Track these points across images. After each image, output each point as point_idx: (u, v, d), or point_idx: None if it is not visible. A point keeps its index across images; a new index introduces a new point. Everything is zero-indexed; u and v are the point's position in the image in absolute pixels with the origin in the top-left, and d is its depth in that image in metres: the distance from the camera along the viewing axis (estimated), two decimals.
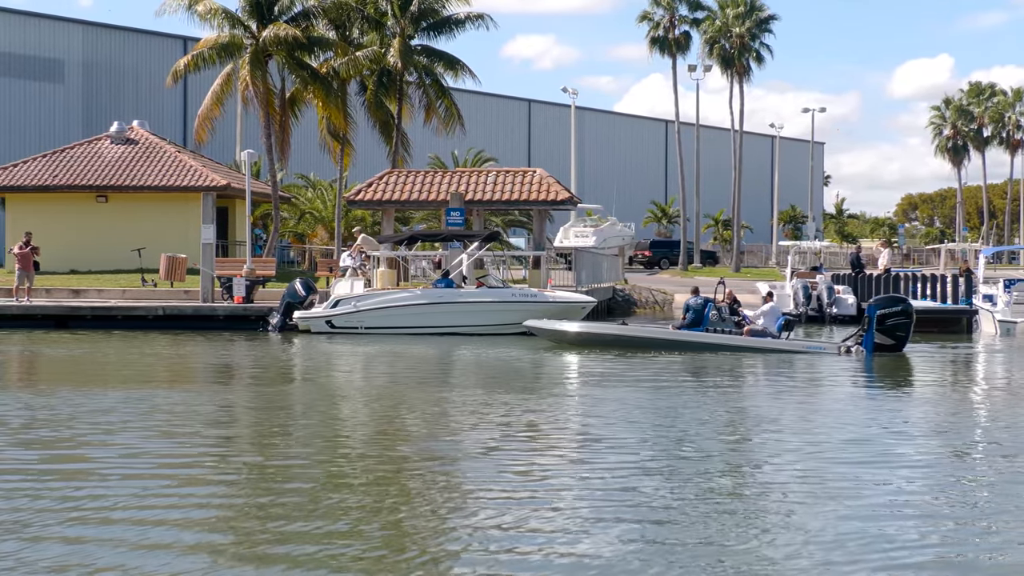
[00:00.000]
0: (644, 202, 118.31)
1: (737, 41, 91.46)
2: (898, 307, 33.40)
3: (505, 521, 12.70)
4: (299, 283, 42.43)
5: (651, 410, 21.43)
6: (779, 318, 34.71)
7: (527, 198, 48.17)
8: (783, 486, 14.68)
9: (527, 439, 18.29)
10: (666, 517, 12.92)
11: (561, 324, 36.11)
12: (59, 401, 22.10)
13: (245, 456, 16.90)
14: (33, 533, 12.03)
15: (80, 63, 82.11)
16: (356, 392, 25.14)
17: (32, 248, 45.60)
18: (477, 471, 15.54)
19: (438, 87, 61.44)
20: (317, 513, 13.00)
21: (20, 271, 45.29)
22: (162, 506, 13.30)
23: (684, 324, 34.85)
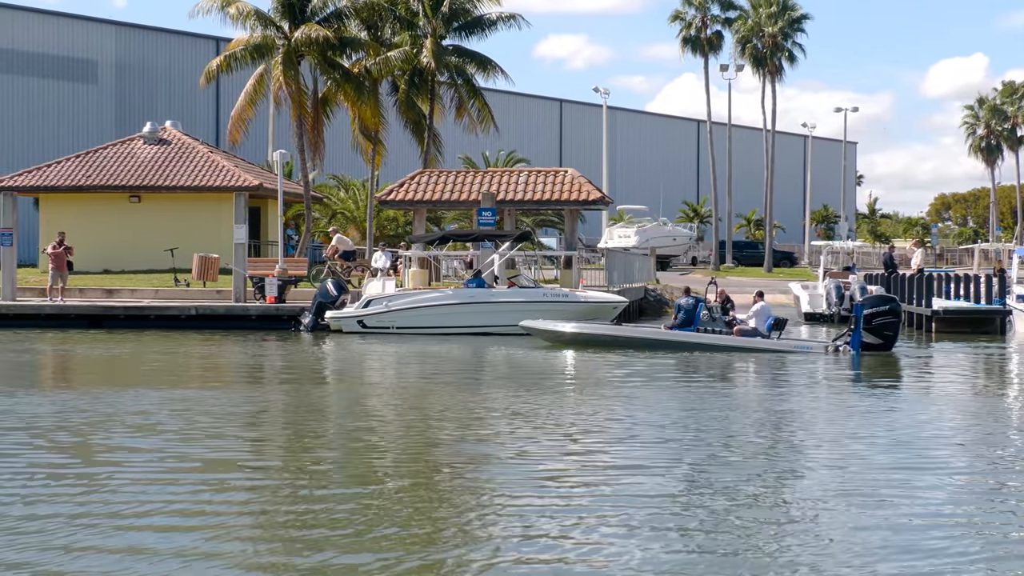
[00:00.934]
0: (676, 202, 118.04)
1: (769, 41, 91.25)
2: (885, 306, 33.65)
3: (537, 524, 12.71)
4: (331, 283, 42.54)
5: (686, 411, 21.41)
6: (769, 318, 34.97)
7: (558, 198, 48.16)
8: (827, 491, 14.64)
9: (560, 441, 18.29)
10: (706, 525, 12.91)
11: (556, 324, 36.41)
12: (94, 401, 22.21)
13: (278, 457, 16.97)
14: (73, 536, 12.09)
15: (113, 64, 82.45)
16: (389, 393, 25.17)
17: (65, 248, 45.82)
18: (510, 474, 15.53)
19: (470, 87, 61.47)
20: (350, 516, 13.02)
21: (53, 271, 45.53)
22: (195, 512, 13.35)
23: (675, 324, 35.41)
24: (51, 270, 45.76)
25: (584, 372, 29.56)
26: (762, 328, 34.53)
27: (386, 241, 60.41)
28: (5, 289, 46.23)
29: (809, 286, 51.26)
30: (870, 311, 33.41)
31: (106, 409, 20.93)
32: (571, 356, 32.62)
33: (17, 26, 77.78)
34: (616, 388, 25.55)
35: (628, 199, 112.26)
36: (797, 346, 34.16)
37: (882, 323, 33.36)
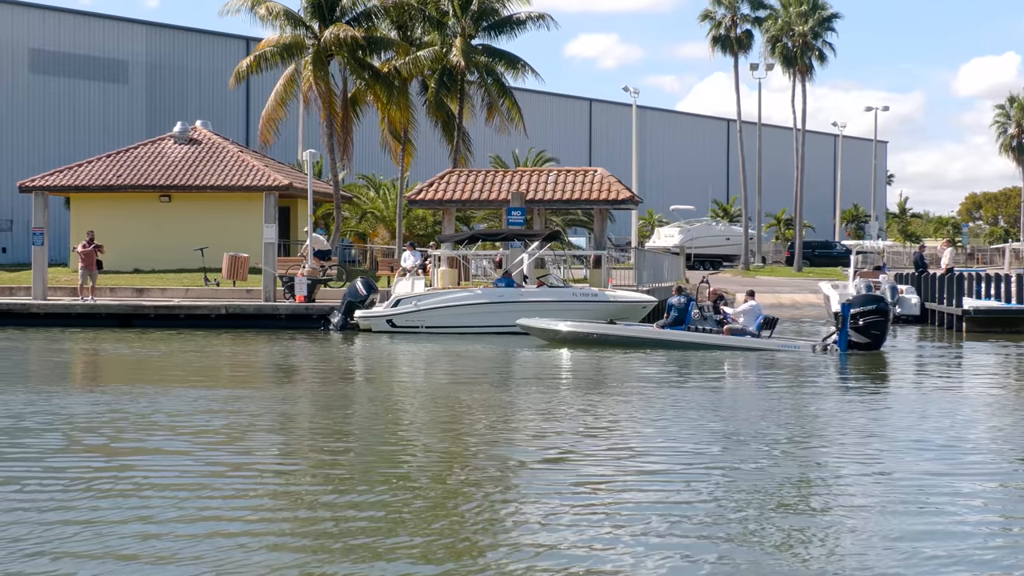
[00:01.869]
0: (706, 201, 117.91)
1: (799, 40, 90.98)
2: (872, 306, 33.85)
3: (569, 528, 12.70)
4: (360, 282, 42.59)
5: (718, 411, 21.38)
6: (758, 317, 35.25)
7: (588, 197, 48.10)
8: (865, 497, 14.60)
9: (591, 441, 18.27)
10: (738, 529, 12.88)
11: (553, 323, 36.72)
12: (127, 401, 22.29)
13: (308, 458, 16.98)
14: (108, 537, 12.13)
15: (144, 64, 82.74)
16: (419, 392, 25.18)
17: (96, 246, 45.95)
18: (543, 475, 15.51)
19: (499, 86, 61.47)
20: (378, 518, 13.03)
21: (83, 270, 45.65)
22: (226, 514, 13.38)
23: (667, 323, 35.67)
24: (81, 269, 45.89)
25: (610, 372, 29.52)
26: (751, 327, 34.90)
27: (415, 240, 60.48)
28: (36, 288, 46.45)
29: (839, 285, 50.98)
30: (857, 311, 33.67)
31: (138, 409, 21.00)
32: (595, 356, 32.57)
33: (48, 27, 78.10)
34: (642, 388, 25.50)
35: (658, 198, 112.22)
36: (784, 345, 34.44)
37: (869, 322, 33.56)
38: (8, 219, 75.02)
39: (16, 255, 71.79)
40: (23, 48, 76.66)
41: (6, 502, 13.31)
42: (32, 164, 72.68)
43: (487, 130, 65.22)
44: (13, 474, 14.93)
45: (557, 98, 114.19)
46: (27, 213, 60.21)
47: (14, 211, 73.76)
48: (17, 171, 70.47)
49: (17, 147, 75.94)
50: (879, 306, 33.92)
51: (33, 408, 20.87)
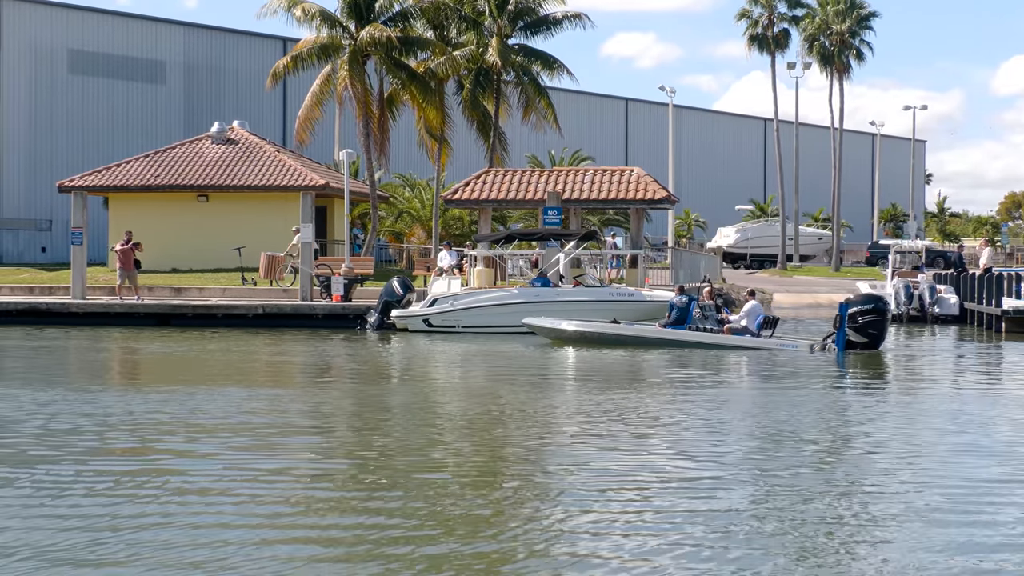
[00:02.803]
0: (742, 200, 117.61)
1: (837, 38, 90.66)
2: (869, 305, 34.05)
3: (607, 531, 12.73)
4: (397, 282, 42.70)
5: (751, 412, 21.39)
6: (759, 316, 35.51)
7: (624, 197, 48.09)
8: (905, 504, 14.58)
9: (630, 442, 18.29)
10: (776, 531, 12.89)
11: (557, 322, 37.07)
12: (166, 400, 22.43)
13: (347, 458, 17.06)
14: (153, 536, 12.22)
15: (181, 64, 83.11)
16: (456, 393, 25.25)
17: (133, 245, 46.12)
18: (583, 477, 15.49)
19: (535, 86, 61.51)
20: (416, 518, 13.09)
21: (121, 269, 45.84)
22: (266, 514, 13.45)
23: (669, 322, 36.02)
24: (119, 268, 46.05)
25: (641, 371, 29.53)
26: (752, 326, 35.16)
27: (451, 240, 60.57)
28: (75, 288, 46.75)
29: (877, 285, 50.86)
30: (854, 310, 33.86)
31: (178, 409, 21.12)
32: (631, 355, 32.60)
33: (86, 27, 78.54)
34: (680, 387, 25.52)
35: (694, 198, 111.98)
36: (783, 344, 34.58)
37: (867, 322, 33.75)
38: (47, 219, 75.49)
39: (55, 255, 72.23)
40: (62, 49, 77.11)
41: (49, 503, 13.43)
42: (71, 164, 73.11)
43: (523, 129, 65.30)
44: (58, 476, 15.04)
45: (593, 97, 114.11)
46: (66, 213, 60.54)
47: (53, 211, 74.21)
48: (56, 171, 70.91)
49: (56, 147, 76.39)
50: (877, 306, 34.12)
51: (73, 408, 21.00)
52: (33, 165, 75.26)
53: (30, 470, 15.19)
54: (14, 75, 75.17)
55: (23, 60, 75.43)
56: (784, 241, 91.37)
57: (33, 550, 11.31)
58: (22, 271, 59.20)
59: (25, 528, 12.12)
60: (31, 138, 75.72)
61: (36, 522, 12.39)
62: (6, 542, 11.57)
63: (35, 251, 74.61)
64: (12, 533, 11.91)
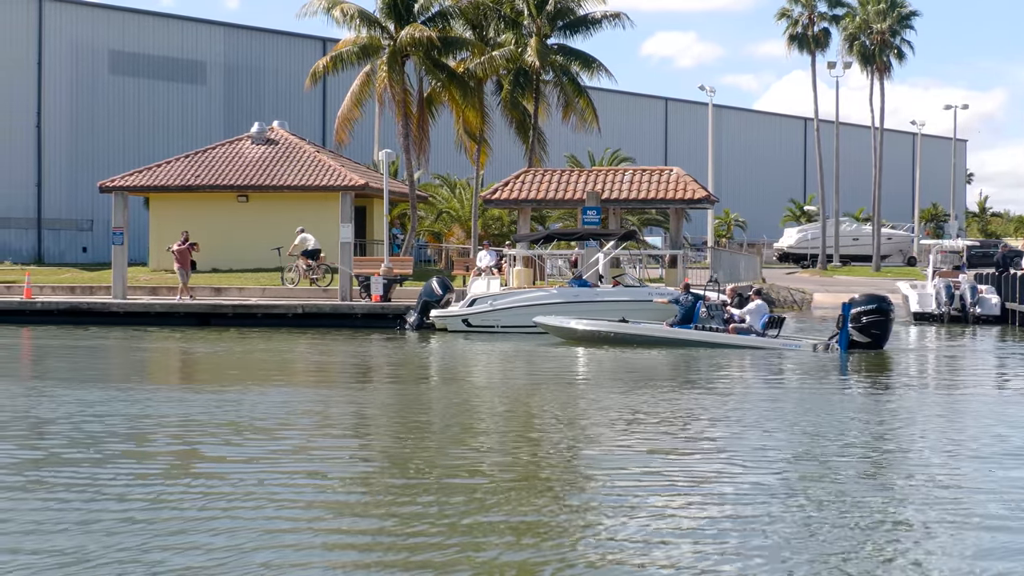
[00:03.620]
0: (782, 200, 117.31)
1: (877, 37, 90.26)
2: (873, 305, 34.22)
3: (649, 534, 12.74)
4: (436, 282, 42.76)
5: (786, 411, 21.36)
6: (763, 316, 35.82)
7: (664, 197, 48.02)
8: None
9: (671, 443, 18.29)
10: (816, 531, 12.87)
11: (567, 322, 37.61)
12: (208, 399, 22.56)
13: (387, 458, 17.12)
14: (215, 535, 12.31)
15: (222, 65, 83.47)
16: (496, 393, 25.24)
17: (190, 245, 46.25)
18: (625, 480, 15.51)
19: (574, 86, 61.49)
20: (455, 520, 13.13)
21: (180, 269, 45.89)
22: (309, 516, 13.52)
23: (676, 321, 36.41)
24: (177, 268, 46.02)
25: (679, 370, 29.52)
26: (757, 326, 35.42)
27: (490, 240, 60.61)
28: (116, 287, 46.97)
29: (918, 285, 50.60)
30: (857, 310, 34.06)
31: (219, 410, 21.24)
32: (664, 354, 32.61)
33: (127, 28, 78.99)
34: (718, 386, 25.51)
35: (734, 198, 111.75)
36: (786, 344, 34.74)
37: (870, 322, 33.92)
38: (89, 219, 75.96)
39: (96, 255, 72.65)
40: (103, 50, 77.58)
41: (96, 503, 13.54)
42: (112, 164, 73.50)
43: (562, 129, 65.27)
44: (101, 477, 15.16)
45: (633, 97, 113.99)
46: (107, 213, 60.92)
47: (95, 211, 74.68)
48: (97, 171, 71.27)
49: (97, 147, 76.86)
50: (880, 306, 34.28)
51: (121, 409, 21.09)
52: (74, 166, 75.77)
53: (74, 471, 15.33)
54: (56, 76, 75.68)
55: (64, 61, 75.93)
56: (823, 242, 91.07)
57: (81, 553, 11.42)
58: (63, 271, 59.59)
59: (78, 530, 12.23)
60: (72, 139, 76.21)
61: (86, 524, 12.50)
62: (59, 543, 11.68)
63: (76, 251, 75.09)
64: (67, 534, 12.02)
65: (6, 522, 12.38)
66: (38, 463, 15.85)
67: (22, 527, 12.18)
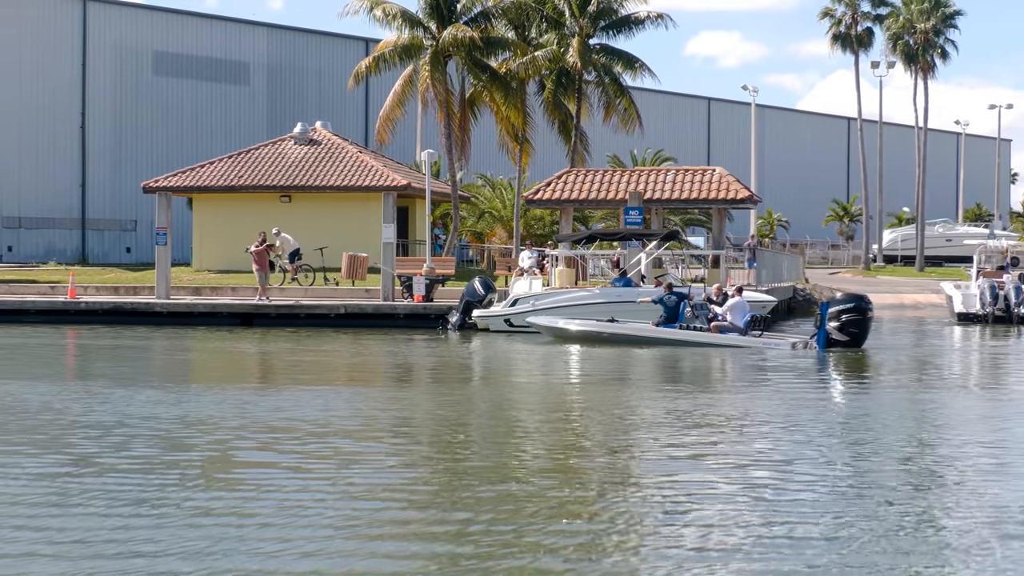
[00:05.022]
0: (825, 200, 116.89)
1: (921, 37, 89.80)
2: (851, 304, 34.35)
3: (698, 538, 12.69)
4: (478, 282, 42.75)
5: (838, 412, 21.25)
6: (745, 313, 35.74)
7: (706, 197, 47.89)
8: None
9: (712, 447, 18.22)
10: None
11: (557, 321, 38.05)
12: (253, 400, 22.64)
13: (433, 458, 17.11)
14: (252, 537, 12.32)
15: (265, 65, 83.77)
16: (539, 393, 25.24)
17: (268, 246, 46.30)
18: (670, 483, 15.47)
19: (617, 86, 61.38)
20: (497, 524, 13.10)
21: (259, 271, 45.92)
22: (347, 516, 13.52)
23: (661, 321, 36.57)
24: (256, 270, 46.02)
25: (720, 372, 29.43)
26: (739, 324, 35.39)
27: (533, 240, 60.56)
28: (159, 288, 47.14)
29: (962, 286, 50.24)
30: (836, 309, 34.17)
31: (264, 411, 21.31)
32: (692, 354, 32.55)
33: (171, 29, 79.40)
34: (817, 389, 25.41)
35: (776, 198, 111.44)
36: (767, 343, 34.82)
37: (848, 320, 33.94)
38: (132, 219, 76.40)
39: (140, 255, 73.07)
40: (147, 51, 78.01)
41: (142, 506, 13.58)
42: (156, 165, 73.92)
43: (604, 130, 65.15)
44: (147, 477, 15.20)
45: (675, 97, 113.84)
46: (151, 214, 61.17)
47: (138, 211, 75.08)
48: (141, 172, 71.70)
49: (141, 148, 77.29)
50: (858, 304, 34.35)
51: (163, 409, 21.14)
52: (118, 166, 76.21)
53: (120, 475, 15.38)
54: (100, 76, 76.13)
55: (108, 61, 76.38)
56: (867, 242, 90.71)
57: (126, 554, 11.45)
58: (107, 271, 59.89)
59: (122, 528, 12.27)
60: (116, 139, 76.65)
61: (128, 522, 12.54)
62: (102, 548, 11.72)
63: (120, 251, 75.54)
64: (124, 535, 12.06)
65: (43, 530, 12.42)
66: (93, 466, 15.88)
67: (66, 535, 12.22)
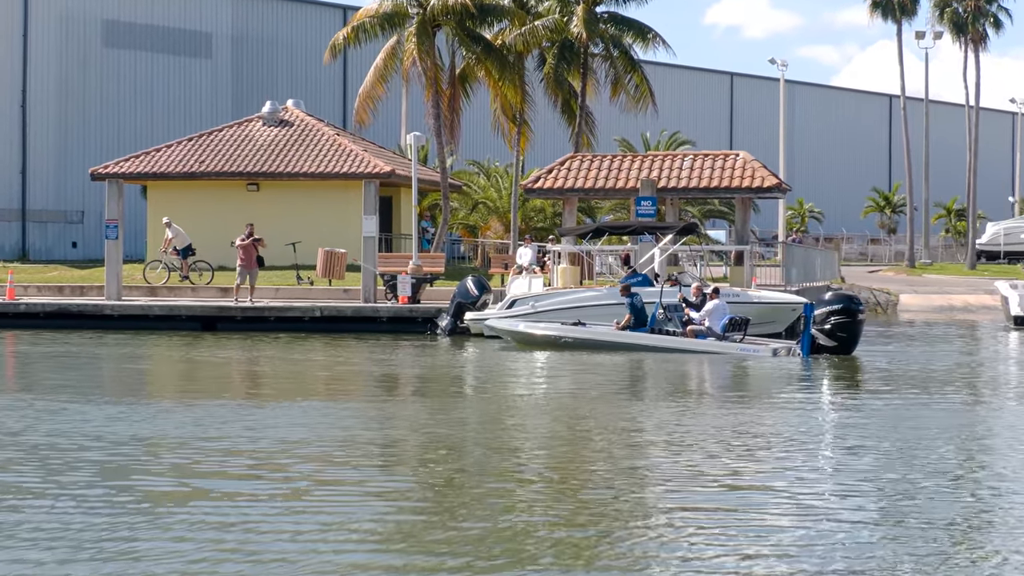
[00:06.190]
0: (864, 188, 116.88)
1: (971, 4, 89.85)
2: (839, 305, 34.30)
3: None
4: (471, 281, 42.90)
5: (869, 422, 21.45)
6: (723, 317, 35.75)
7: (728, 185, 47.97)
8: None
9: (728, 462, 18.42)
10: None
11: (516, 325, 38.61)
12: (222, 415, 22.75)
13: (419, 484, 17.25)
14: None
15: (229, 36, 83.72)
16: (537, 408, 25.23)
17: (255, 240, 46.06)
18: (686, 508, 15.66)
19: (627, 60, 61.47)
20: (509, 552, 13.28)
21: (241, 267, 45.40)
22: None
23: (628, 324, 36.70)
24: (239, 267, 45.67)
25: (750, 380, 29.61)
26: (716, 328, 35.45)
27: (532, 234, 60.74)
28: (110, 287, 47.14)
29: (1019, 285, 50.35)
30: (822, 311, 34.11)
31: (235, 427, 21.41)
32: (708, 362, 32.73)
33: None
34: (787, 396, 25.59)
35: (809, 186, 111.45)
36: (745, 348, 34.87)
37: (837, 324, 33.96)
38: (79, 210, 76.42)
39: (88, 250, 73.09)
40: (96, 19, 77.97)
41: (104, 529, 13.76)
42: (105, 149, 73.94)
43: (613, 109, 65.26)
44: (93, 497, 15.37)
45: (693, 72, 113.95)
46: (100, 204, 61.29)
47: (85, 201, 75.08)
48: (89, 156, 71.72)
49: (89, 130, 77.28)
50: (848, 306, 34.32)
51: (113, 429, 21.22)
52: (63, 150, 76.19)
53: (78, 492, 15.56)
54: (42, 49, 76.08)
55: (52, 32, 76.36)
56: (910, 235, 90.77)
57: None
58: (51, 268, 59.97)
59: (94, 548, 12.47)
60: (60, 120, 76.65)
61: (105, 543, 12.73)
62: None
63: (65, 246, 75.58)
64: None
65: None
66: (27, 495, 16.06)
67: None
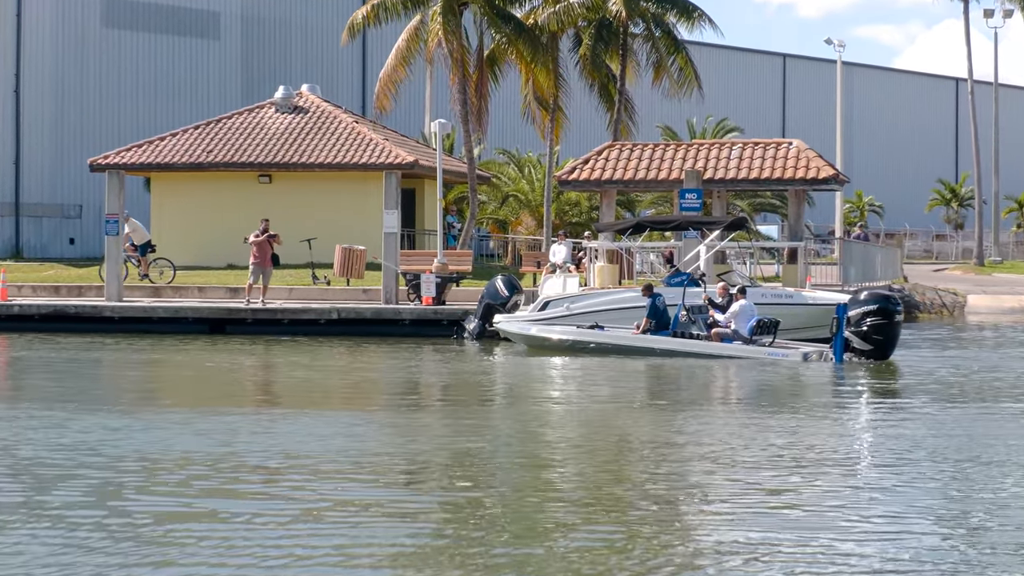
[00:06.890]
0: (928, 180, 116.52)
1: None
2: (875, 305, 33.96)
3: None
4: (501, 281, 42.89)
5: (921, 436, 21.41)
6: (751, 319, 35.64)
7: (781, 176, 47.86)
8: None
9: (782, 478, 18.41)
10: None
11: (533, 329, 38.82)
12: (232, 426, 22.83)
13: (444, 502, 17.27)
14: None
15: (239, 15, 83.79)
16: (573, 419, 25.23)
17: (270, 237, 46.00)
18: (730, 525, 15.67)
19: (670, 40, 61.38)
20: None
21: (255, 265, 45.40)
22: None
23: (649, 327, 36.73)
24: (252, 264, 45.65)
25: (789, 387, 29.57)
26: (743, 330, 35.39)
27: (567, 230, 60.70)
28: (110, 287, 47.06)
29: None
30: (857, 312, 33.83)
31: (246, 439, 21.47)
32: (734, 367, 32.74)
33: None
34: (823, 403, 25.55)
35: (868, 177, 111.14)
36: (772, 353, 34.89)
37: (873, 326, 33.70)
38: (76, 204, 76.58)
39: (86, 247, 73.21)
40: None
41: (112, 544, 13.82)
42: (106, 138, 74.06)
43: (654, 94, 65.20)
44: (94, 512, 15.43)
45: (743, 54, 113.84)
46: (99, 197, 61.40)
47: (84, 194, 75.24)
48: (88, 146, 71.78)
49: (87, 117, 77.43)
50: (884, 306, 33.97)
51: (116, 439, 21.24)
52: (60, 139, 76.36)
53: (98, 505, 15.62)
54: (37, 30, 76.23)
55: (47, 11, 76.50)
56: (979, 230, 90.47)
57: None
58: (46, 267, 60.07)
59: None
60: (57, 107, 76.81)
61: None
62: None
63: (62, 243, 75.74)
64: None
65: None
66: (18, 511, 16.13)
67: None
